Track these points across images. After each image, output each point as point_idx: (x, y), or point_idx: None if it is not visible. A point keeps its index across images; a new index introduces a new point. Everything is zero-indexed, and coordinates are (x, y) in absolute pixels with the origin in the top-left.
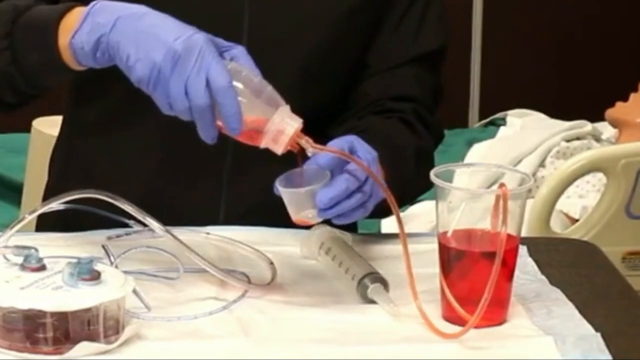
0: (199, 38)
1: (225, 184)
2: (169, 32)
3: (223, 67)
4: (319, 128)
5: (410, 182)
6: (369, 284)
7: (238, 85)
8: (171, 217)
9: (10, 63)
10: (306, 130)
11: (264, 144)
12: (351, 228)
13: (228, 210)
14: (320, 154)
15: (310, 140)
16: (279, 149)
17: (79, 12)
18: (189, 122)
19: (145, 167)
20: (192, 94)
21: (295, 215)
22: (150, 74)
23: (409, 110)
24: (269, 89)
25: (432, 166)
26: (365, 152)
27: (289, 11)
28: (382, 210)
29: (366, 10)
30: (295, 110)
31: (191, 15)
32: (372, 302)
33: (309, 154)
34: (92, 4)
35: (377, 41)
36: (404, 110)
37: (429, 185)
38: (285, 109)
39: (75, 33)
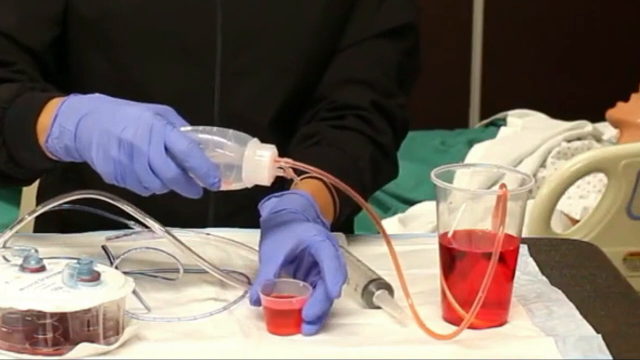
0: (147, 117)
1: None
2: (117, 123)
3: (177, 132)
4: (294, 123)
5: (367, 190)
6: (374, 290)
7: (203, 137)
8: (161, 217)
9: (7, 161)
10: (282, 124)
11: (248, 182)
12: (347, 229)
13: (217, 209)
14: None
15: (290, 160)
16: (265, 180)
17: (51, 109)
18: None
19: None
20: (159, 170)
21: (272, 326)
22: (115, 170)
23: (366, 104)
24: (231, 131)
25: (392, 159)
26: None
27: (262, 7)
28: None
29: (341, 3)
30: (274, 107)
31: (163, 15)
32: (377, 307)
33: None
34: (62, 100)
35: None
36: (360, 105)
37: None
38: (254, 142)
39: (47, 137)
